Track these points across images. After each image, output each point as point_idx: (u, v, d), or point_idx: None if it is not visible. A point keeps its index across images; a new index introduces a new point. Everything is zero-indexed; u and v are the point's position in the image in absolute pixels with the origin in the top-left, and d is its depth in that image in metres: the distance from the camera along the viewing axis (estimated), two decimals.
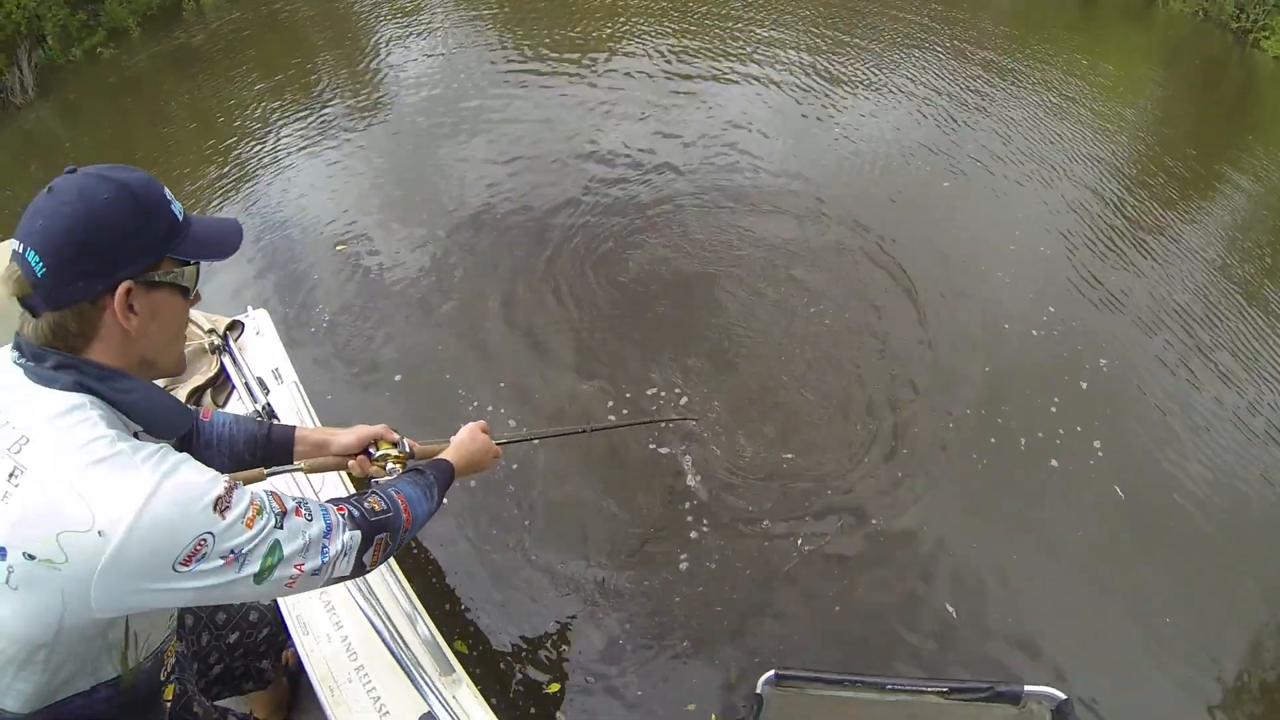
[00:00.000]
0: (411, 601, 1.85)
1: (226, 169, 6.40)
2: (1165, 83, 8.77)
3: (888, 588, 3.15)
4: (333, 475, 2.13)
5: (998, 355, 4.28)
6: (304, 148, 6.54)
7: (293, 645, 1.87)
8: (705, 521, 3.35)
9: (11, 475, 0.93)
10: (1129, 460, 3.72)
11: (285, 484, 2.03)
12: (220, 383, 2.30)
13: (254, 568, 1.02)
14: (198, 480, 0.98)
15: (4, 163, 7.66)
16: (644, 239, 5.06)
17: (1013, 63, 8.15)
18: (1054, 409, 3.93)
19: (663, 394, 3.93)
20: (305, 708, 2.28)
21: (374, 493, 1.31)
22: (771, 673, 2.15)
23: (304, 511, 1.12)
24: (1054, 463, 3.68)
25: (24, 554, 0.91)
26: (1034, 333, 4.43)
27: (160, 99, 7.94)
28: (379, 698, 1.68)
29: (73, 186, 1.00)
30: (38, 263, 0.97)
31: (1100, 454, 3.72)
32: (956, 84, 7.47)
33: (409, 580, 1.92)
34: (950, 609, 3.06)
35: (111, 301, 1.01)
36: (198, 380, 2.25)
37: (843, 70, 7.58)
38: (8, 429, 0.96)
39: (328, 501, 1.22)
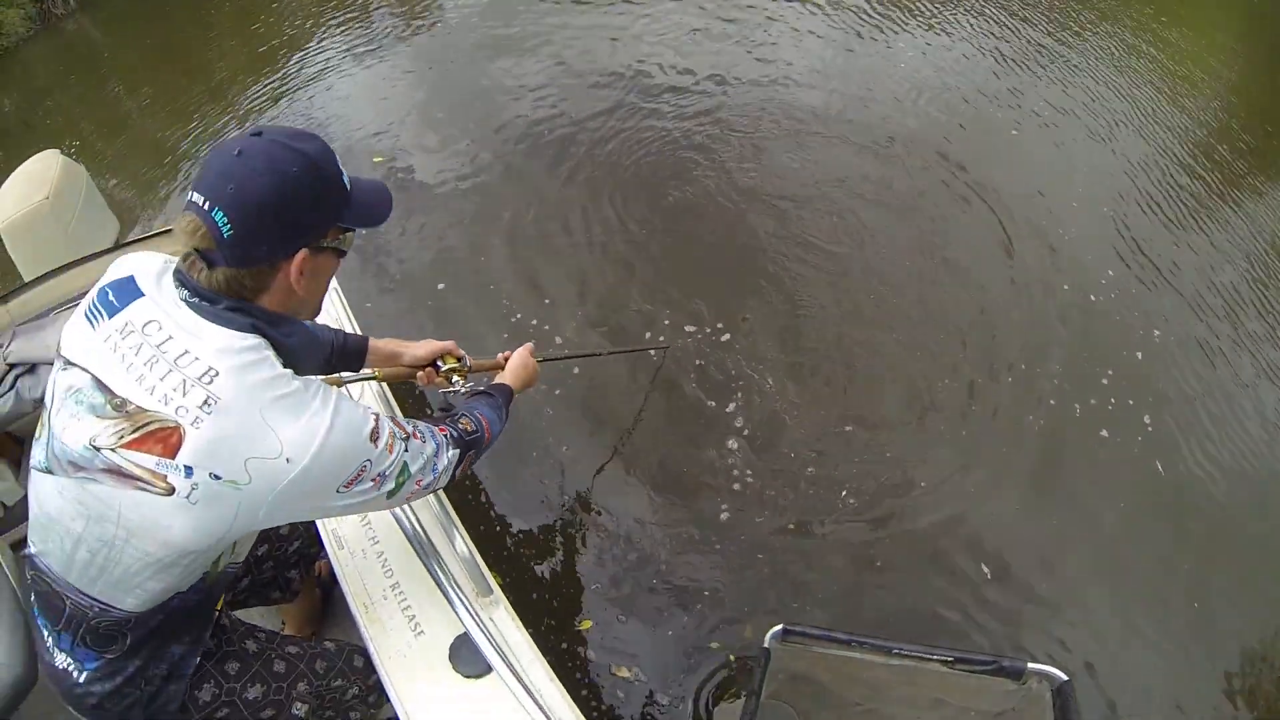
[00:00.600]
0: (450, 518, 1.79)
1: (271, 78, 6.30)
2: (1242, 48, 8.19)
3: (920, 545, 3.09)
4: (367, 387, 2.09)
5: (1055, 316, 4.09)
6: (349, 57, 6.38)
7: (326, 558, 1.83)
8: (749, 472, 3.29)
9: (204, 404, 1.01)
10: (1174, 439, 3.55)
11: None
12: None
13: (390, 485, 1.19)
14: (357, 415, 1.13)
15: (47, 73, 7.66)
16: (702, 160, 4.91)
17: (1083, 11, 7.63)
18: (1106, 380, 3.76)
19: (708, 328, 3.86)
20: (338, 623, 2.29)
21: (463, 414, 1.49)
22: (779, 627, 2.14)
23: (419, 435, 1.28)
24: (1104, 433, 3.54)
25: (211, 474, 1.01)
26: (1092, 298, 4.23)
27: (205, 9, 7.81)
28: (414, 616, 1.63)
29: (262, 155, 1.03)
30: (225, 224, 1.01)
31: (1150, 428, 3.57)
32: (1024, 32, 7.03)
33: (447, 496, 1.87)
34: (984, 570, 3.01)
35: (288, 265, 1.08)
36: None
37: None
38: (195, 362, 1.02)
39: (434, 424, 1.37)
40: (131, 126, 6.32)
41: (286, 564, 1.89)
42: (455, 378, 1.78)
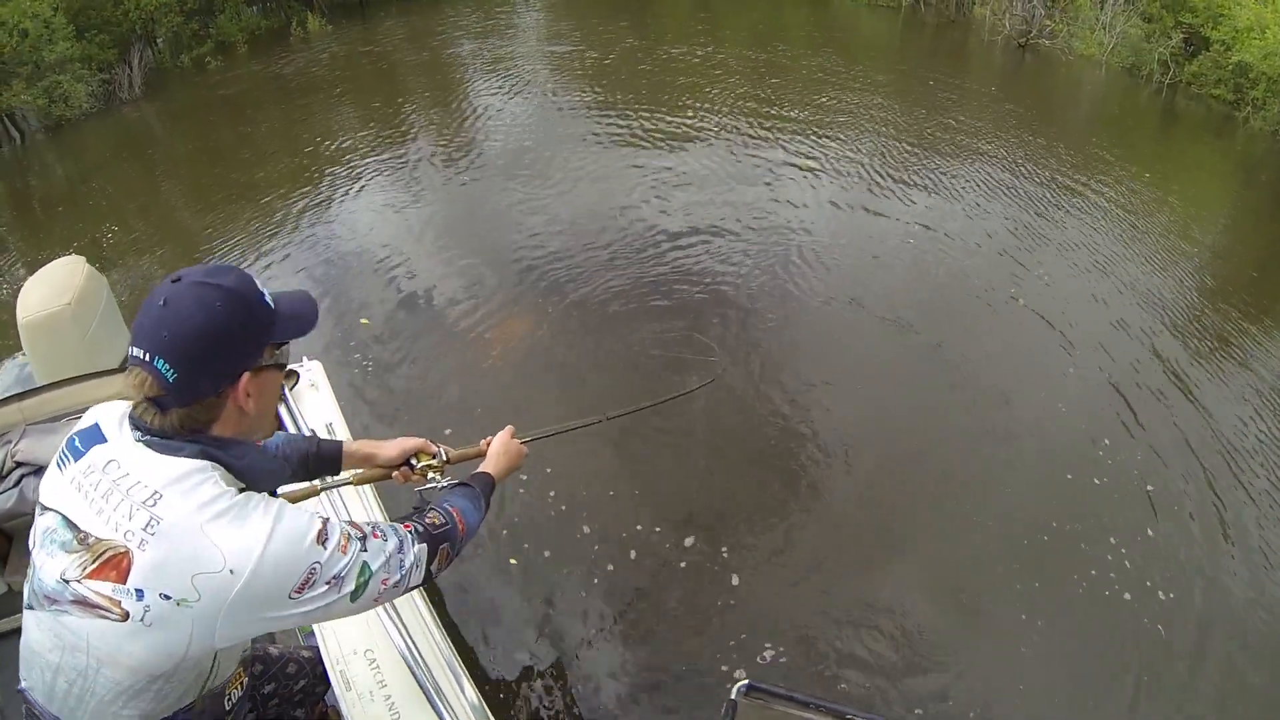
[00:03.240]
0: (457, 663, 1.84)
1: (298, 196, 6.64)
2: (1241, 204, 8.64)
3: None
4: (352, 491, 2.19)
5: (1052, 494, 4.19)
6: (375, 186, 6.77)
7: (333, 700, 1.85)
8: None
9: (148, 525, 1.05)
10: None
11: (326, 500, 2.15)
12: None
13: (350, 586, 1.18)
14: (300, 521, 1.13)
15: (100, 153, 8.09)
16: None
17: (1086, 177, 8.10)
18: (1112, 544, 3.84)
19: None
20: None
21: (432, 508, 1.46)
22: (745, 682, 2.19)
23: (380, 533, 1.27)
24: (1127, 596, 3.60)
25: (160, 594, 1.05)
26: (1095, 480, 4.30)
27: (253, 117, 8.33)
28: None
29: (188, 298, 1.10)
30: (168, 370, 1.07)
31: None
32: (1027, 194, 7.46)
33: (453, 640, 1.92)
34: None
35: (234, 391, 1.13)
36: None
37: (915, 177, 7.66)
38: (141, 487, 1.08)
39: (396, 520, 1.37)
40: (164, 220, 6.63)
41: (292, 702, 1.88)
42: (431, 474, 1.76)
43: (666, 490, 3.94)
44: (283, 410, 2.41)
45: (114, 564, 1.06)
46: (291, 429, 2.37)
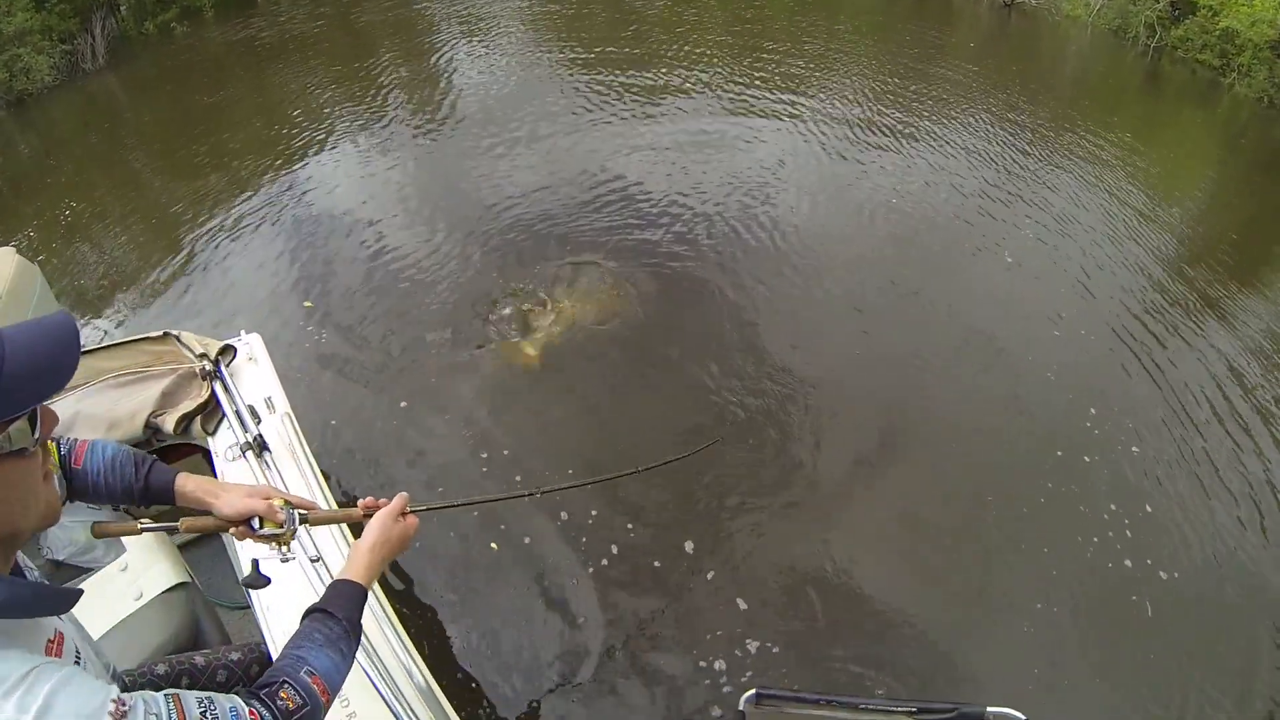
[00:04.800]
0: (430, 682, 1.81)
1: (269, 160, 6.51)
2: (1225, 169, 8.62)
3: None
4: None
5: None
6: (345, 153, 6.63)
7: None
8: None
9: None
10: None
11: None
12: (210, 409, 2.22)
13: None
14: (97, 704, 0.82)
15: (64, 127, 7.87)
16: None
17: (1071, 138, 8.04)
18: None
19: None
20: None
21: (287, 683, 1.08)
22: (753, 691, 2.19)
23: None
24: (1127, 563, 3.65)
25: None
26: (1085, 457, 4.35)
27: (222, 84, 8.09)
28: None
29: None
30: None
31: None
32: (1011, 155, 7.41)
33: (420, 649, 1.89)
34: None
35: None
36: (187, 406, 2.21)
37: (900, 126, 7.59)
38: None
39: (247, 698, 1.03)
40: (129, 194, 6.45)
41: None
42: (276, 547, 1.39)
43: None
44: (218, 387, 2.35)
45: None
46: (228, 407, 2.31)
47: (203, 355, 2.37)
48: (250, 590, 1.57)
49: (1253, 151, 9.34)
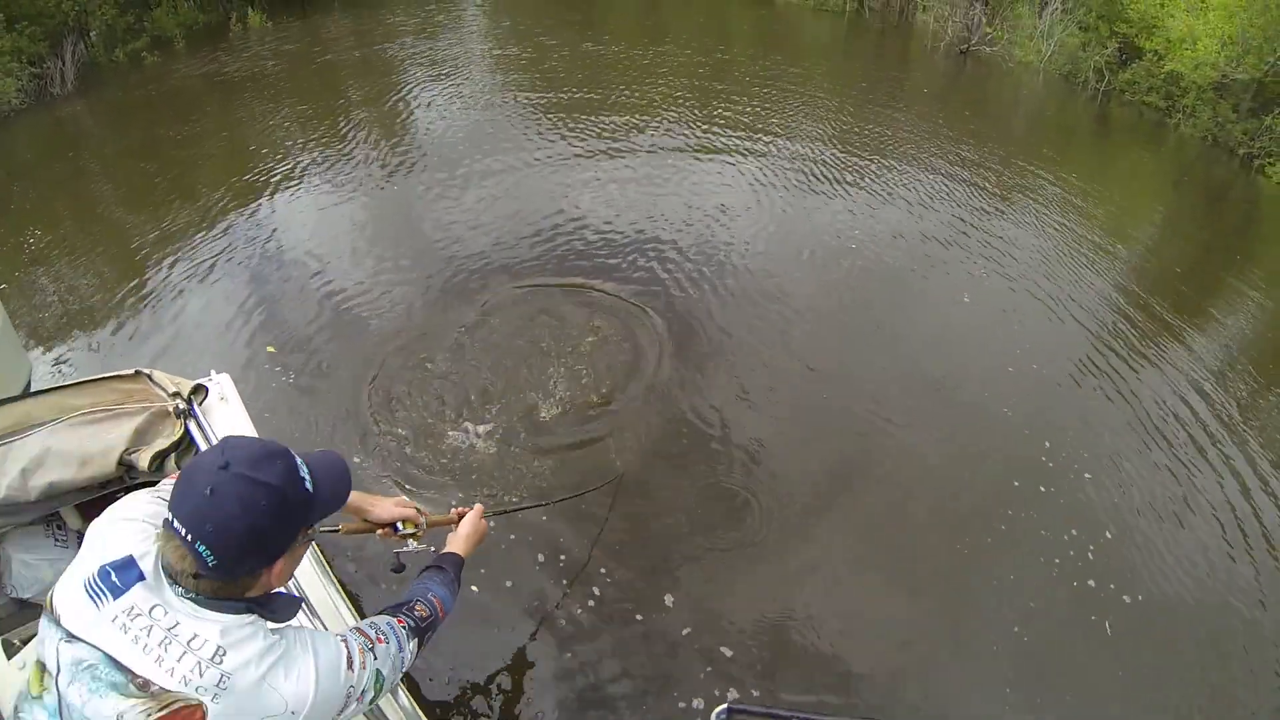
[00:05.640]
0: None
1: (233, 196, 6.51)
2: (1172, 206, 9.01)
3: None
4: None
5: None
6: (310, 190, 6.66)
7: None
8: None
9: (219, 682, 1.16)
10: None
11: None
12: (185, 447, 2.24)
13: (370, 695, 1.38)
14: (332, 652, 1.31)
15: (30, 150, 7.81)
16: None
17: (1023, 179, 8.36)
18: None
19: None
20: None
21: (417, 600, 1.65)
22: (724, 707, 2.18)
23: (383, 637, 1.45)
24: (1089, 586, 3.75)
25: None
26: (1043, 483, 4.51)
27: (189, 115, 8.09)
28: None
29: (233, 496, 1.16)
30: (209, 555, 1.15)
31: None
32: (965, 196, 7.67)
33: None
34: None
35: (268, 572, 1.25)
36: (161, 444, 2.22)
37: (857, 169, 7.83)
38: (202, 641, 1.17)
39: (393, 616, 1.56)
40: (94, 222, 6.40)
41: None
42: (411, 541, 1.92)
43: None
44: (192, 426, 2.36)
45: (184, 715, 1.14)
46: (203, 444, 2.32)
47: (176, 394, 2.37)
48: None
49: (1198, 188, 9.80)
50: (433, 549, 2.02)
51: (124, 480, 2.26)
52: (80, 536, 2.26)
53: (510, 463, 4.07)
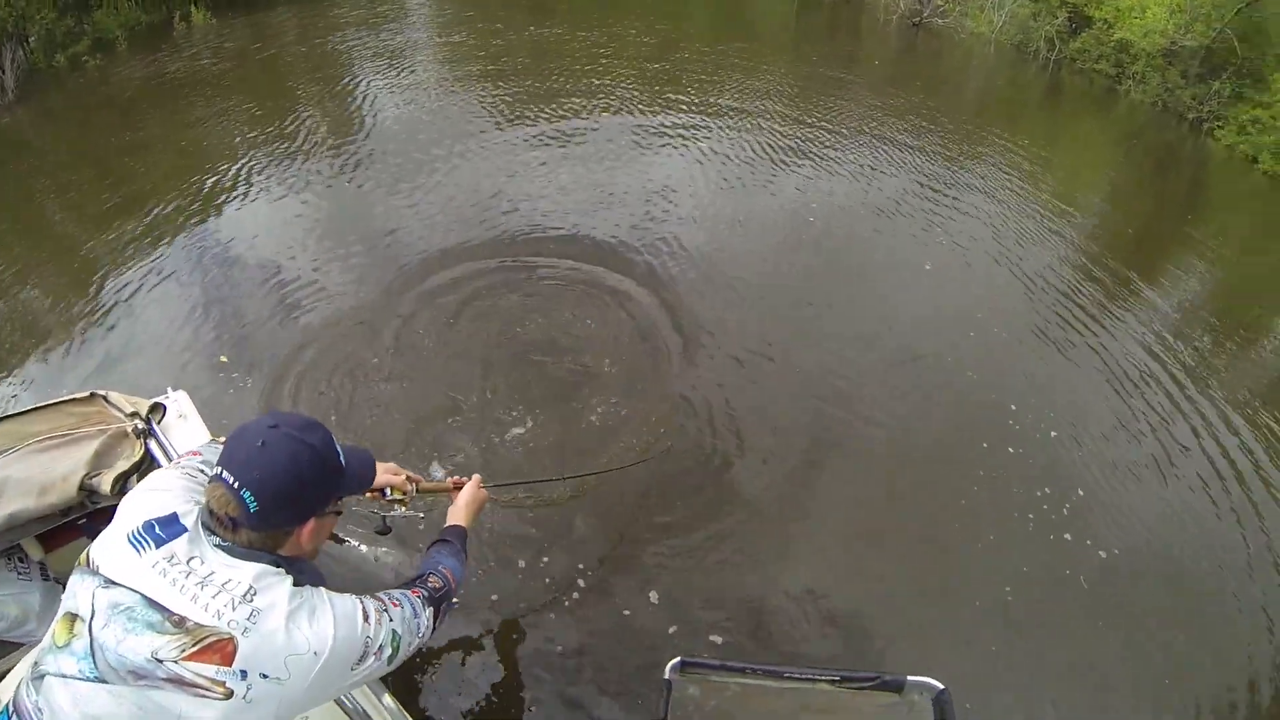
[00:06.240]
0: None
1: (183, 203, 6.34)
2: (1124, 169, 9.20)
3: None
4: None
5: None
6: (263, 193, 6.53)
7: None
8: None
9: (250, 616, 1.25)
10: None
11: None
12: (147, 467, 2.22)
13: (389, 652, 1.44)
14: (349, 606, 1.38)
15: None
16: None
17: (978, 147, 8.48)
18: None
19: None
20: None
21: (430, 573, 1.72)
22: (677, 659, 2.23)
23: (397, 602, 1.52)
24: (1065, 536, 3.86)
25: (260, 674, 1.23)
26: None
27: (135, 118, 7.86)
28: None
29: (282, 449, 1.31)
30: (252, 502, 1.28)
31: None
32: (922, 166, 7.76)
33: None
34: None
35: (300, 530, 1.37)
36: (122, 466, 2.16)
37: (813, 143, 7.87)
38: (235, 583, 1.26)
39: (407, 588, 1.62)
40: (36, 236, 6.18)
41: None
42: (398, 507, 2.00)
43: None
44: (152, 445, 2.35)
45: (217, 649, 1.21)
46: (163, 461, 2.31)
47: (134, 414, 2.35)
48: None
49: (1149, 151, 10.02)
50: (422, 515, 2.21)
51: (85, 506, 2.22)
52: (43, 568, 2.27)
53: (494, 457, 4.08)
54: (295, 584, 1.33)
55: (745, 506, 4.01)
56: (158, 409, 2.42)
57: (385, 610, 1.45)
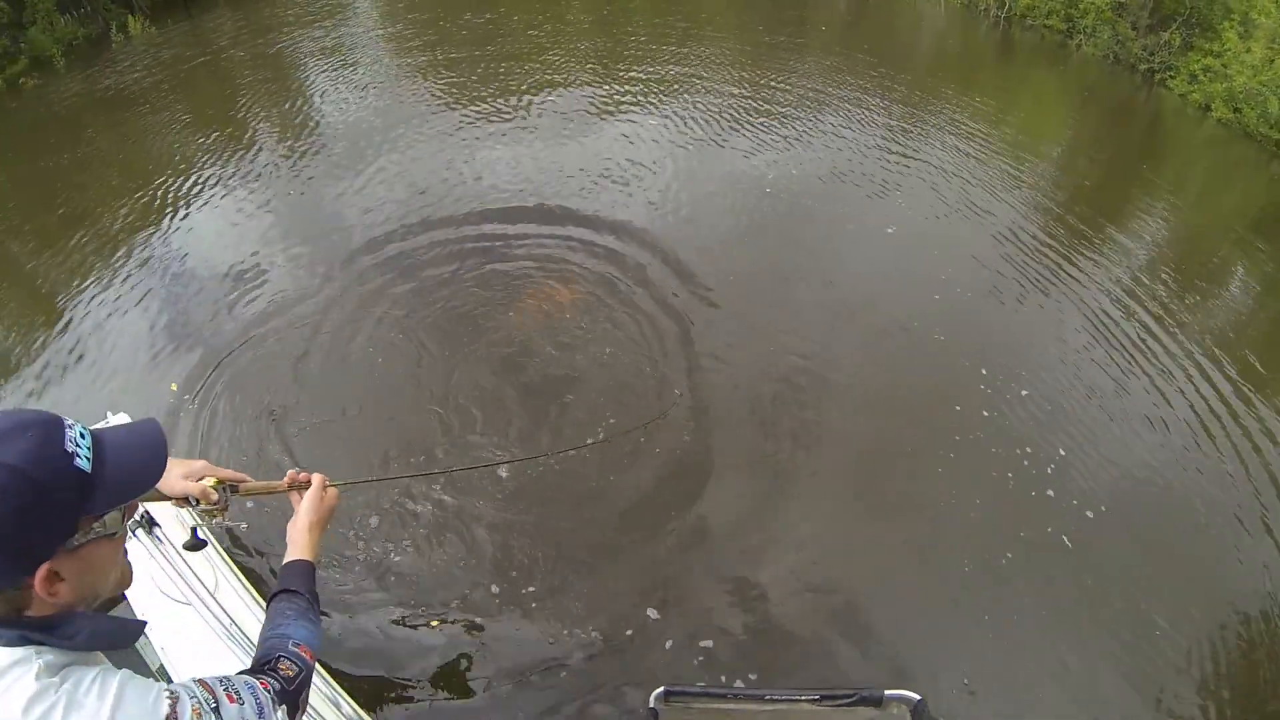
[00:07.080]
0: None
1: (132, 219, 6.23)
2: (1079, 123, 9.27)
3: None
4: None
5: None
6: (213, 202, 6.44)
7: None
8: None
9: None
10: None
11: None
12: None
13: None
14: (146, 702, 0.96)
15: None
16: None
17: (931, 108, 8.49)
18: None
19: None
20: None
21: (282, 654, 1.30)
22: (661, 689, 2.28)
23: (234, 695, 1.09)
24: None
25: None
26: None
27: (80, 136, 7.69)
28: None
29: None
30: None
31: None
32: (877, 130, 7.76)
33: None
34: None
35: (32, 583, 0.92)
36: None
37: (766, 113, 7.84)
38: None
39: (253, 676, 1.19)
40: None
41: None
42: (210, 516, 1.58)
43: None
44: None
45: None
46: None
47: None
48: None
49: (1103, 104, 10.09)
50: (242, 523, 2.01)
51: None
52: None
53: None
54: (51, 663, 0.94)
55: (712, 474, 4.02)
56: None
57: (214, 709, 1.02)
